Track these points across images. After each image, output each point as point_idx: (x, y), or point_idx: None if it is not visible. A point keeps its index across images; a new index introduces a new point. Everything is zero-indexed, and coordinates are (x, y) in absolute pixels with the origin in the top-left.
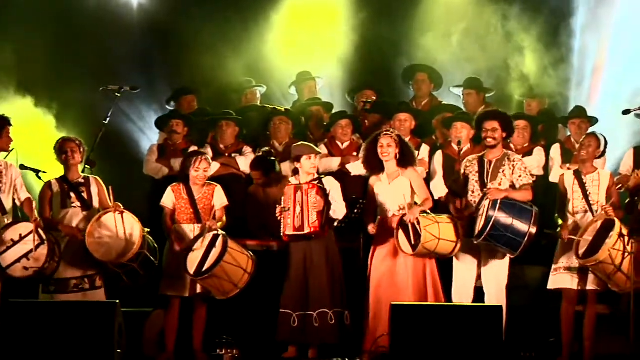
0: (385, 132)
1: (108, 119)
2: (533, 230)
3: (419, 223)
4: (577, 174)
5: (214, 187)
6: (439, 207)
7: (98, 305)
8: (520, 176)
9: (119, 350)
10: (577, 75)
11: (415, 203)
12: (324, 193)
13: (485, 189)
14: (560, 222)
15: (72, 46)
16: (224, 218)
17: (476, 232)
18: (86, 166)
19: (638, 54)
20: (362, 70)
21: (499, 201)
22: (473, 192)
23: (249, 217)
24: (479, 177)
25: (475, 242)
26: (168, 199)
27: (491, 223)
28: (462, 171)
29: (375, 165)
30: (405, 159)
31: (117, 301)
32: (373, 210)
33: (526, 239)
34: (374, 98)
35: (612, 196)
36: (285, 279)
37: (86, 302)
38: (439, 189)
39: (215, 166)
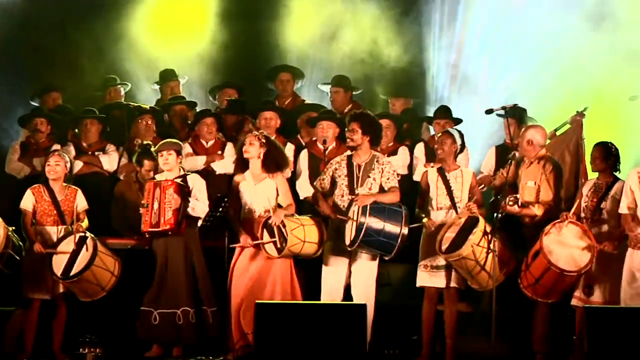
0: (252, 132)
1: None
2: (405, 231)
3: (284, 226)
4: (441, 171)
5: (76, 190)
6: (304, 206)
7: None
8: (388, 179)
9: None
10: (442, 74)
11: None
12: (181, 190)
13: (353, 196)
14: (424, 219)
15: None
16: (86, 220)
17: (349, 239)
18: None
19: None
20: (224, 69)
21: (368, 207)
22: (342, 195)
23: (114, 215)
24: (349, 182)
25: (349, 249)
26: (28, 202)
27: (363, 230)
28: (330, 172)
29: (240, 163)
30: (274, 162)
31: None
32: (238, 209)
33: (399, 240)
34: (237, 97)
35: (475, 194)
36: (149, 276)
37: None
38: (304, 188)
39: (78, 165)
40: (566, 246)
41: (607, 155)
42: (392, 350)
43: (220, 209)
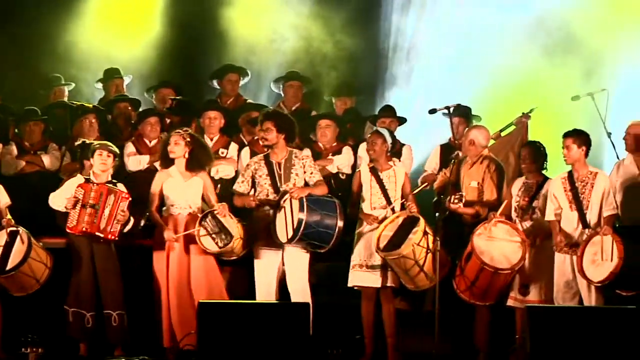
0: (176, 131)
1: None
2: (341, 222)
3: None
4: (374, 171)
5: None
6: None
7: None
8: (312, 173)
9: None
10: (388, 73)
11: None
12: (129, 206)
13: (288, 189)
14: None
15: None
16: (9, 216)
17: (288, 234)
18: None
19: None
20: (163, 68)
21: (304, 199)
22: (267, 195)
23: (59, 213)
24: (272, 181)
25: (287, 245)
26: None
27: (303, 223)
28: (249, 174)
29: (165, 160)
30: (198, 161)
31: None
32: (159, 207)
33: (337, 230)
34: (174, 96)
35: (408, 192)
36: (73, 275)
37: None
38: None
39: (20, 164)
40: (497, 245)
41: (538, 155)
42: (336, 349)
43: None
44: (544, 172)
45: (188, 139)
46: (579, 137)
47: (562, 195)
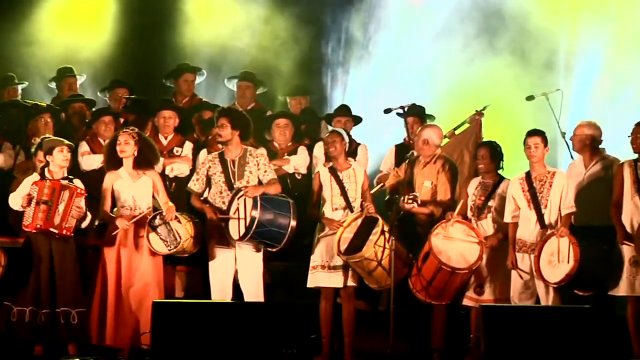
0: (124, 130)
1: None
2: (294, 222)
3: (179, 222)
4: (333, 171)
5: None
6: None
7: None
8: (265, 171)
9: None
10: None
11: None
12: (85, 203)
13: (242, 188)
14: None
15: None
16: None
17: (240, 232)
18: None
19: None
20: (120, 68)
21: (258, 198)
22: (221, 192)
23: (13, 212)
24: (225, 178)
25: (240, 243)
26: None
27: (256, 221)
28: (204, 172)
29: (113, 161)
30: (145, 159)
31: None
32: (111, 207)
33: (289, 230)
34: (128, 95)
35: (367, 192)
36: (32, 274)
37: None
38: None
39: None
40: (454, 244)
41: (494, 154)
42: (290, 349)
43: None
44: (499, 171)
45: (136, 138)
46: (544, 136)
47: (521, 196)
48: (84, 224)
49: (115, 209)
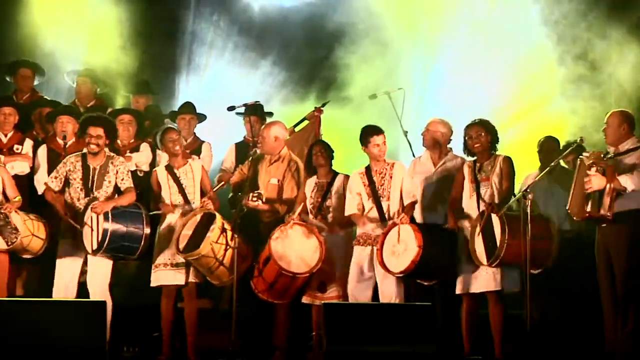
0: None
1: None
2: (147, 229)
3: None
4: (169, 168)
5: None
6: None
7: None
8: (123, 179)
9: None
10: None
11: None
12: None
13: (91, 204)
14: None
15: None
16: None
17: (93, 246)
18: None
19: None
20: None
21: (110, 213)
22: (78, 198)
23: None
24: (84, 184)
25: (94, 256)
26: None
27: (108, 237)
28: (64, 172)
29: None
30: None
31: None
32: None
33: (142, 242)
34: None
35: (207, 188)
36: None
37: None
38: (43, 183)
39: None
40: (294, 248)
41: (330, 152)
42: (132, 347)
43: None
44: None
45: None
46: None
47: (362, 189)
48: None
49: None
